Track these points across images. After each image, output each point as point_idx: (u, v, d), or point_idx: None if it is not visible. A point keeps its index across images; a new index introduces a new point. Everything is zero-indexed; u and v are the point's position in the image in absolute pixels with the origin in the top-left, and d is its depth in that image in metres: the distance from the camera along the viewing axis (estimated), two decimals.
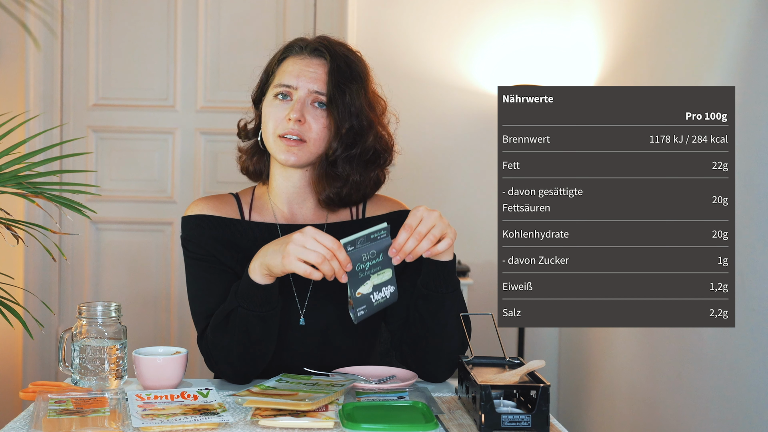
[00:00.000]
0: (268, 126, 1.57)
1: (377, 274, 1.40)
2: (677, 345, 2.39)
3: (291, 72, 1.58)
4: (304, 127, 1.54)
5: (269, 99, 1.59)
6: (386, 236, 1.40)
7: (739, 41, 2.09)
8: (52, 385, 1.44)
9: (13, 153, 1.46)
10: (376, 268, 1.40)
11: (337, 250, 1.34)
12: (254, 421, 1.25)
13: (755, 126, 1.97)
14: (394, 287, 1.43)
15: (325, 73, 1.57)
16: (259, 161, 1.66)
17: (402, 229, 1.39)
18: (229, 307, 1.46)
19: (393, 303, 1.45)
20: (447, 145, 3.49)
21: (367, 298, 1.40)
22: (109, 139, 3.34)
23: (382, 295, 1.41)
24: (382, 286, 1.41)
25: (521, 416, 1.22)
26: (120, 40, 3.32)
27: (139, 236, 3.36)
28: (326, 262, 1.34)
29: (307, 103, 1.56)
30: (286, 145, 1.54)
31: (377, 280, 1.40)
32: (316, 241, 1.35)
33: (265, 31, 3.32)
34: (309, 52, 1.59)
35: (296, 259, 1.35)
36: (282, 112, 1.56)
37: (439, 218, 1.41)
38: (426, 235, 1.39)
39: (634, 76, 2.83)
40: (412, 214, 1.41)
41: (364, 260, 1.38)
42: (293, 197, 1.62)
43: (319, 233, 1.36)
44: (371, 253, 1.38)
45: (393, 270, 1.42)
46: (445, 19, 3.48)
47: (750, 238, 1.96)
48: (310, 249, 1.35)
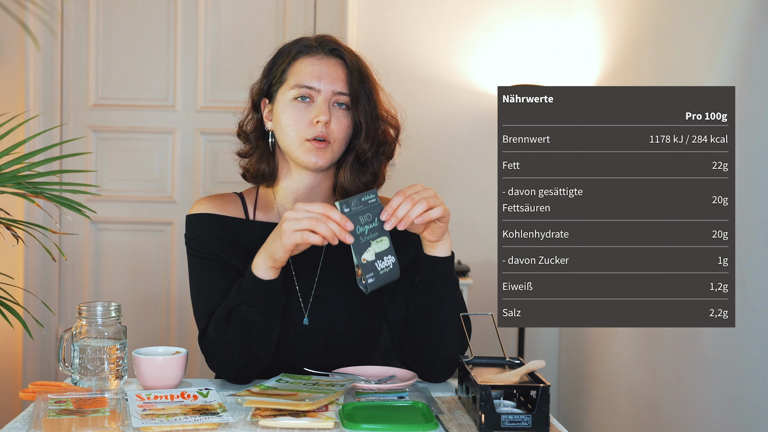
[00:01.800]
0: (290, 130, 1.54)
1: (376, 241, 1.38)
2: (677, 345, 2.39)
3: (311, 73, 1.55)
4: (329, 129, 1.54)
5: (287, 101, 1.55)
6: (376, 201, 1.38)
7: (739, 41, 2.09)
8: (52, 385, 1.44)
9: (13, 153, 1.46)
10: (374, 233, 1.37)
11: (328, 210, 1.34)
12: (254, 421, 1.25)
13: (755, 126, 1.97)
14: (394, 257, 1.39)
15: (344, 73, 1.56)
16: (270, 163, 1.62)
17: (396, 194, 1.39)
18: (232, 304, 1.45)
19: (396, 279, 1.41)
20: (447, 145, 3.49)
21: (372, 266, 1.37)
22: (109, 139, 3.34)
23: (385, 264, 1.38)
24: (383, 254, 1.38)
25: (521, 416, 1.22)
26: (120, 40, 3.32)
27: (139, 236, 3.36)
28: (321, 223, 1.33)
29: (330, 103, 1.55)
30: (316, 148, 1.53)
31: (377, 248, 1.38)
32: (306, 209, 1.35)
33: (265, 31, 3.33)
34: (326, 53, 1.57)
35: (292, 232, 1.35)
36: (306, 115, 1.53)
37: (435, 194, 1.40)
38: (420, 200, 1.38)
39: (634, 76, 2.83)
40: (408, 187, 1.40)
41: (362, 223, 1.36)
42: (301, 197, 1.62)
43: (309, 203, 1.35)
44: (367, 216, 1.37)
45: (390, 239, 1.39)
46: (445, 19, 3.48)
47: (750, 238, 1.96)
48: (301, 217, 1.34)
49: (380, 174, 1.63)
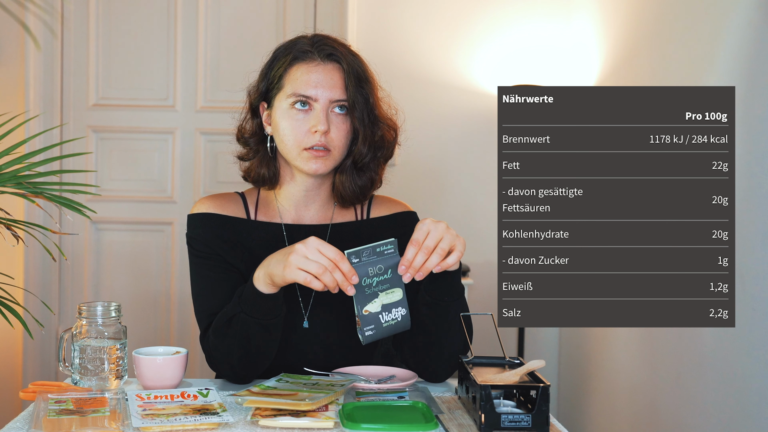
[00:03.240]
0: (288, 138, 1.53)
1: (386, 292, 1.36)
2: (677, 345, 2.39)
3: (307, 81, 1.52)
4: (329, 137, 1.52)
5: (284, 109, 1.54)
6: (394, 252, 1.36)
7: (739, 41, 2.09)
8: (52, 385, 1.44)
9: (13, 153, 1.46)
10: (385, 285, 1.35)
11: (339, 260, 1.33)
12: (254, 421, 1.25)
13: (755, 126, 1.97)
14: (405, 310, 1.37)
15: (341, 78, 1.54)
16: (272, 167, 1.61)
17: (409, 244, 1.36)
18: (232, 312, 1.45)
19: (405, 329, 1.39)
20: (447, 145, 3.48)
21: (375, 318, 1.36)
22: (109, 139, 3.34)
23: (392, 317, 1.36)
24: (391, 306, 1.36)
25: (521, 416, 1.22)
26: (120, 40, 3.32)
27: (139, 236, 3.36)
28: (327, 273, 1.32)
29: (328, 111, 1.53)
30: (314, 156, 1.52)
31: (386, 299, 1.36)
32: (319, 252, 1.33)
33: (265, 31, 3.33)
34: (322, 58, 1.54)
35: (296, 269, 1.34)
36: (304, 124, 1.52)
37: (447, 230, 1.38)
38: (435, 249, 1.36)
39: (634, 76, 2.83)
40: (418, 228, 1.38)
41: (370, 275, 1.34)
42: (301, 200, 1.62)
43: (323, 244, 1.34)
44: (378, 268, 1.35)
45: (404, 291, 1.37)
46: (445, 19, 3.48)
47: (750, 238, 1.96)
48: (311, 259, 1.33)
49: (378, 178, 1.63)
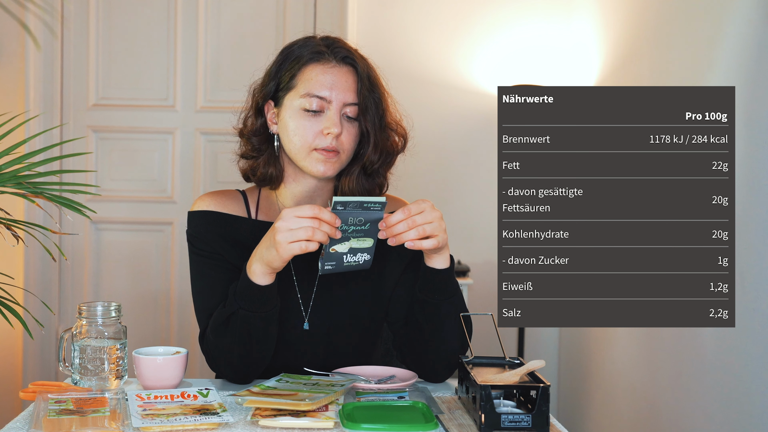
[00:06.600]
0: (297, 138, 1.52)
1: (358, 239, 1.38)
2: (677, 345, 2.39)
3: (322, 82, 1.52)
4: (339, 140, 1.52)
5: (295, 109, 1.53)
6: (380, 210, 1.38)
7: (739, 41, 2.09)
8: (52, 385, 1.44)
9: (13, 153, 1.46)
10: (359, 234, 1.38)
11: (318, 213, 1.33)
12: (254, 421, 1.25)
13: (755, 126, 1.97)
14: (370, 256, 1.40)
15: (355, 81, 1.54)
16: (278, 167, 1.59)
17: (401, 210, 1.38)
18: (230, 310, 1.45)
19: (365, 269, 1.42)
20: (447, 145, 3.48)
21: (339, 257, 1.38)
22: (109, 139, 3.34)
23: (355, 259, 1.39)
24: (358, 251, 1.39)
25: (521, 416, 1.22)
26: (120, 40, 3.32)
27: (139, 236, 3.36)
28: (317, 231, 1.33)
29: (341, 115, 1.53)
30: (325, 157, 1.52)
31: (356, 244, 1.38)
32: (297, 217, 1.34)
33: (265, 31, 3.32)
34: (337, 60, 1.54)
35: (288, 244, 1.34)
36: (316, 125, 1.51)
37: (439, 219, 1.40)
38: (418, 226, 1.37)
39: (634, 76, 2.83)
40: (416, 203, 1.39)
41: (349, 223, 1.36)
42: (303, 200, 1.61)
43: (296, 209, 1.35)
44: (358, 219, 1.37)
45: (375, 241, 1.40)
46: (445, 19, 3.48)
47: (750, 238, 1.96)
48: (295, 228, 1.34)
49: (386, 183, 1.63)
